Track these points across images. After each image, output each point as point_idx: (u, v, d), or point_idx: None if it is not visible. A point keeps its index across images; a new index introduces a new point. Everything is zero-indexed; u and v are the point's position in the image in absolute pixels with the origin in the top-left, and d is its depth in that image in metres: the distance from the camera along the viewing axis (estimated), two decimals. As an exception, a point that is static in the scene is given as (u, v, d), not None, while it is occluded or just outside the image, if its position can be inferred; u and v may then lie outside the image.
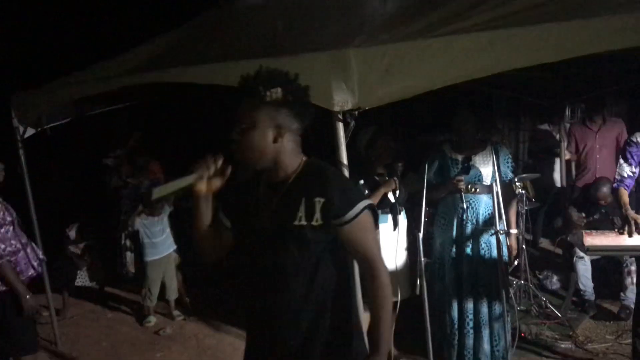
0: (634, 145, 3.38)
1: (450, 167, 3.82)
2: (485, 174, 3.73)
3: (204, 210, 1.90)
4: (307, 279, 1.82)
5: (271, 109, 1.76)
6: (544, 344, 4.22)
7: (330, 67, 2.49)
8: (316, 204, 1.77)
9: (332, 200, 1.76)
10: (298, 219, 1.78)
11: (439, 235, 3.97)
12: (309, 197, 1.79)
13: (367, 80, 2.48)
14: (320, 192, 1.78)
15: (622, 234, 3.09)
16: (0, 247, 3.03)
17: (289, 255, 1.81)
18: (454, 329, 3.85)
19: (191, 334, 4.83)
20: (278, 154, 1.81)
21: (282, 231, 1.81)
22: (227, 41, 3.31)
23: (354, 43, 2.51)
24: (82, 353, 4.51)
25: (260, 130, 1.77)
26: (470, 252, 3.75)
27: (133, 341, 4.76)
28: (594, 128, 5.36)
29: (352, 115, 2.55)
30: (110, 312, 5.43)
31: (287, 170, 1.84)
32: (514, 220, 3.87)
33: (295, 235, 1.79)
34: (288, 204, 1.81)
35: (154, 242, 4.99)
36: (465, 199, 3.71)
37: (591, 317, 4.71)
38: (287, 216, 1.80)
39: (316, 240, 1.80)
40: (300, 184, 1.83)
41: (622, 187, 3.39)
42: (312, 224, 1.77)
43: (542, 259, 5.83)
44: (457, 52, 2.30)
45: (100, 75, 3.58)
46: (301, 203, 1.79)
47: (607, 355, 4.03)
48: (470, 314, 3.77)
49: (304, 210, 1.78)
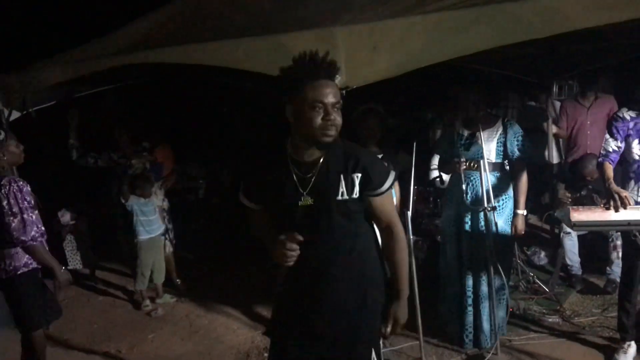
0: (620, 120, 3.40)
1: (456, 142, 3.84)
2: (489, 150, 3.73)
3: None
4: (350, 243, 2.10)
5: (339, 93, 2.02)
6: (532, 319, 4.29)
7: (317, 46, 2.46)
8: (355, 179, 2.02)
9: (369, 175, 2.03)
10: (340, 194, 2.02)
11: (444, 211, 4.06)
12: (347, 173, 2.02)
13: (354, 59, 2.47)
14: (356, 168, 2.03)
15: (609, 209, 3.12)
16: (34, 229, 3.13)
17: (336, 227, 2.05)
18: (454, 304, 3.91)
19: (183, 315, 4.86)
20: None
21: (327, 206, 2.03)
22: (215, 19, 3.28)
23: (341, 21, 2.49)
24: (74, 335, 4.52)
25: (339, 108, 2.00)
26: (469, 228, 3.79)
27: (125, 323, 4.78)
28: (585, 104, 5.37)
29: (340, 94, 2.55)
30: (102, 295, 5.44)
31: (317, 152, 2.05)
32: (522, 200, 3.79)
33: (340, 209, 2.03)
34: (327, 181, 2.03)
35: (149, 220, 4.98)
36: (466, 175, 3.73)
37: (578, 292, 4.79)
38: (330, 192, 2.02)
39: (356, 211, 2.09)
40: (332, 162, 2.04)
41: (607, 161, 3.41)
42: (353, 197, 2.04)
43: (530, 235, 5.89)
44: (444, 29, 2.29)
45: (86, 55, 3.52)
46: (340, 179, 2.02)
47: (593, 328, 4.10)
48: (469, 290, 3.82)
49: (344, 185, 2.02)
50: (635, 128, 3.36)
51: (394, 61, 2.45)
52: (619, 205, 3.08)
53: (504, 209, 3.78)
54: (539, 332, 4.06)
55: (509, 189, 3.82)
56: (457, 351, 3.86)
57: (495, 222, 3.69)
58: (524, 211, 3.82)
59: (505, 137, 3.73)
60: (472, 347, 3.86)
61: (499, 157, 3.75)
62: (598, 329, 4.08)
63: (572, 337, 3.97)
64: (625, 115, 3.39)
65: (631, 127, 3.36)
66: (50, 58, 3.67)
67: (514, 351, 3.76)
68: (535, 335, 4.02)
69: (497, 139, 3.73)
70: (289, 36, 2.55)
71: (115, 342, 4.37)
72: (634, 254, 3.39)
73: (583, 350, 3.77)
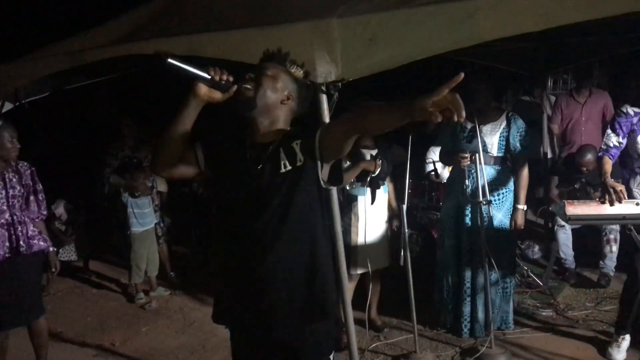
0: (624, 116, 3.40)
1: (458, 134, 3.84)
2: (491, 143, 3.73)
3: (191, 112, 1.92)
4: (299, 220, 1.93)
5: (290, 79, 1.98)
6: (526, 313, 4.30)
7: (313, 38, 2.45)
8: (295, 147, 1.93)
9: (305, 132, 1.95)
10: (283, 167, 1.93)
11: (444, 203, 4.10)
12: (285, 145, 1.94)
13: (350, 51, 2.44)
14: (296, 137, 1.95)
15: (604, 203, 3.12)
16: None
17: (280, 203, 1.92)
18: (450, 295, 3.94)
19: (177, 308, 4.85)
20: (277, 114, 1.97)
21: (272, 183, 1.93)
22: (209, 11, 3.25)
23: (337, 12, 2.46)
24: (67, 328, 4.50)
25: (277, 84, 1.94)
26: (469, 221, 3.80)
27: (119, 316, 4.76)
28: (580, 100, 5.36)
29: (335, 87, 2.53)
30: (95, 288, 5.42)
31: (274, 134, 1.97)
32: (522, 195, 3.80)
33: (284, 181, 1.92)
34: (272, 159, 1.95)
35: (143, 213, 4.96)
36: (467, 169, 3.74)
37: (572, 285, 4.81)
38: (274, 168, 1.93)
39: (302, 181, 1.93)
40: (281, 143, 1.96)
41: (607, 156, 3.43)
42: (297, 165, 1.92)
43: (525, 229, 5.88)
44: (441, 22, 2.27)
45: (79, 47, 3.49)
46: (280, 152, 1.94)
47: (587, 322, 4.12)
48: (467, 281, 3.85)
49: (285, 157, 1.93)
50: (639, 123, 3.36)
51: (390, 54, 2.42)
52: (614, 199, 3.09)
53: (504, 202, 3.80)
54: (533, 326, 4.08)
55: (510, 182, 3.83)
56: (451, 344, 3.87)
57: (491, 215, 3.70)
58: (524, 206, 3.84)
59: (509, 131, 3.74)
60: (468, 336, 3.88)
61: (501, 150, 3.75)
62: (591, 322, 4.10)
63: (566, 330, 3.99)
64: (629, 111, 3.40)
65: (635, 122, 3.37)
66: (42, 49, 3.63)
67: (507, 344, 3.77)
68: (529, 329, 4.03)
69: (500, 133, 3.74)
70: (283, 28, 2.52)
71: (109, 335, 4.36)
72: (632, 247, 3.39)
73: (576, 344, 3.78)
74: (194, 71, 1.83)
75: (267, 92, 1.92)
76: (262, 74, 1.93)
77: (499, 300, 3.86)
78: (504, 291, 3.90)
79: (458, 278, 3.89)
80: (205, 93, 1.88)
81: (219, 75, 1.86)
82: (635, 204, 3.05)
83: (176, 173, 2.06)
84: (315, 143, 1.91)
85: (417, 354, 3.66)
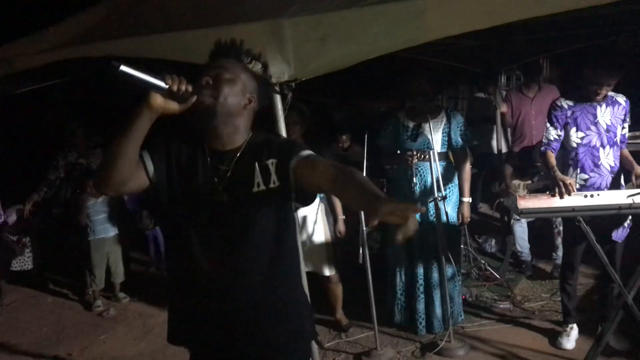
0: (559, 109, 3.50)
1: (401, 134, 3.87)
2: (435, 140, 3.78)
3: (143, 125, 1.69)
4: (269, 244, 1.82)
5: (249, 77, 1.81)
6: (484, 306, 4.38)
7: (265, 38, 2.44)
8: (270, 167, 1.78)
9: (284, 154, 1.78)
10: (256, 185, 1.78)
11: None
12: (261, 161, 1.79)
13: (302, 51, 2.45)
14: (271, 154, 1.80)
15: (554, 196, 3.20)
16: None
17: (250, 223, 1.79)
18: (404, 293, 3.97)
19: (136, 315, 4.77)
20: (240, 120, 1.81)
21: (241, 199, 1.79)
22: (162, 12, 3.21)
23: (289, 12, 2.47)
24: (22, 339, 4.38)
25: (238, 88, 1.77)
26: (419, 218, 3.83)
27: (76, 325, 4.66)
28: (530, 95, 5.50)
29: (289, 87, 2.53)
30: (51, 297, 5.28)
31: (238, 141, 1.83)
32: (466, 188, 3.89)
33: (256, 202, 1.79)
34: (242, 174, 1.79)
35: (96, 220, 4.86)
36: (414, 166, 3.77)
37: (528, 277, 4.92)
38: (244, 185, 1.79)
39: (276, 203, 1.81)
40: (249, 152, 1.81)
41: (549, 150, 3.52)
42: (271, 186, 1.78)
43: (482, 223, 6.02)
44: (390, 21, 2.29)
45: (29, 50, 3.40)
46: (255, 169, 1.78)
47: (542, 312, 4.22)
48: (420, 278, 3.88)
49: (260, 175, 1.78)
50: (573, 116, 3.47)
51: (342, 53, 2.44)
52: (564, 192, 3.17)
53: (451, 197, 3.88)
54: (491, 319, 4.16)
55: (455, 177, 3.91)
56: (411, 340, 3.91)
57: (446, 211, 3.76)
58: (469, 198, 3.94)
59: (450, 127, 3.82)
60: (425, 333, 3.93)
61: (444, 146, 3.83)
62: (547, 313, 4.20)
63: (523, 322, 4.08)
64: (563, 104, 3.49)
65: (569, 115, 3.47)
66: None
67: (466, 338, 3.83)
68: (487, 321, 4.11)
69: (442, 129, 3.81)
70: (235, 28, 2.50)
71: (66, 346, 4.26)
72: (575, 238, 3.50)
73: (532, 335, 3.88)
74: (150, 80, 1.62)
75: (228, 98, 1.73)
76: (221, 78, 1.74)
77: (454, 294, 3.93)
78: (456, 284, 3.98)
79: (410, 276, 3.93)
80: (161, 104, 1.66)
81: (178, 85, 1.64)
82: (584, 196, 3.14)
83: (125, 190, 1.83)
84: (289, 171, 1.75)
85: (378, 351, 3.69)
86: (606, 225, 3.40)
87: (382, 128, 4.00)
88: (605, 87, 3.35)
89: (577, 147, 3.49)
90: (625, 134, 3.56)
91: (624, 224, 3.46)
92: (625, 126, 3.52)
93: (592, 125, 3.44)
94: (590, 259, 3.93)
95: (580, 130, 3.46)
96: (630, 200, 3.04)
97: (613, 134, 3.45)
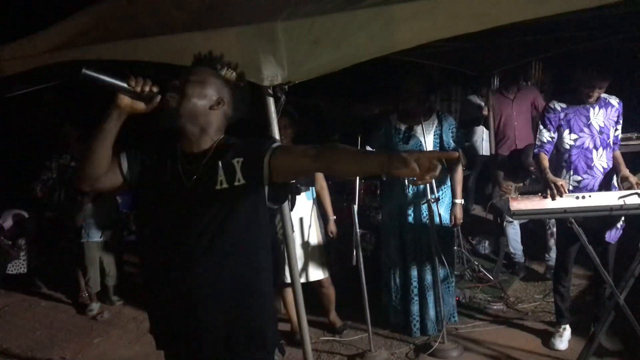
0: (552, 112, 3.52)
1: (393, 136, 3.88)
2: (427, 143, 3.79)
3: (113, 124, 1.80)
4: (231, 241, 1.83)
5: (220, 82, 1.87)
6: (477, 307, 4.40)
7: (257, 41, 2.45)
8: (235, 165, 1.82)
9: (250, 151, 1.83)
10: (219, 183, 1.82)
11: (385, 204, 4.11)
12: (225, 160, 1.83)
13: (295, 54, 2.45)
14: (237, 154, 1.84)
15: (546, 197, 3.22)
16: None
17: (212, 221, 1.81)
18: (398, 295, 3.97)
19: (130, 317, 4.75)
20: (207, 122, 1.86)
21: (205, 198, 1.83)
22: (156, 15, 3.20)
23: (281, 15, 2.47)
24: (15, 343, 4.36)
25: (204, 90, 1.83)
26: (412, 220, 3.85)
27: (69, 328, 4.64)
28: (510, 96, 5.56)
29: (282, 90, 2.53)
30: (44, 300, 5.26)
31: (207, 143, 1.88)
32: (459, 189, 3.90)
33: (218, 199, 1.82)
34: (207, 172, 1.84)
35: (91, 222, 4.85)
36: None
37: (521, 279, 4.94)
38: (208, 183, 1.83)
39: (240, 202, 1.83)
40: (215, 153, 1.87)
41: (542, 152, 3.54)
42: (235, 184, 1.82)
43: (475, 225, 6.03)
44: (383, 23, 2.30)
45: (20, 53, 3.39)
46: (219, 167, 1.83)
47: (535, 313, 4.24)
48: (414, 280, 3.89)
49: (223, 173, 1.82)
50: (566, 118, 3.49)
51: (335, 55, 2.44)
52: (556, 194, 3.19)
53: (444, 198, 3.90)
54: (484, 320, 4.18)
55: (447, 179, 3.92)
56: (405, 341, 3.92)
57: (439, 212, 3.77)
58: (461, 200, 3.95)
59: (441, 129, 3.83)
60: (419, 334, 3.93)
61: (436, 149, 3.84)
62: (540, 314, 4.22)
63: (516, 323, 4.10)
64: (556, 107, 3.51)
65: (562, 117, 3.49)
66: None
67: (460, 339, 3.84)
68: (480, 322, 4.13)
69: (433, 132, 3.83)
70: (228, 31, 2.51)
71: (59, 349, 4.24)
72: (568, 240, 3.52)
73: (525, 336, 3.89)
74: (112, 81, 1.72)
75: (192, 99, 1.80)
76: (186, 80, 1.82)
77: (447, 295, 3.95)
78: (449, 285, 3.99)
79: (405, 278, 3.93)
80: (127, 104, 1.77)
81: (141, 86, 1.74)
82: (576, 198, 3.15)
83: (100, 186, 1.91)
84: (264, 165, 1.78)
85: (372, 353, 3.70)
86: (599, 226, 3.43)
87: (373, 130, 4.00)
88: (597, 90, 3.37)
89: (570, 149, 3.51)
90: (618, 136, 3.58)
91: (617, 225, 3.48)
92: (618, 128, 3.55)
93: (585, 127, 3.46)
94: (582, 260, 3.96)
95: (573, 132, 3.48)
96: (622, 201, 3.06)
97: (606, 136, 3.47)
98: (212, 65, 1.89)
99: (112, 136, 1.82)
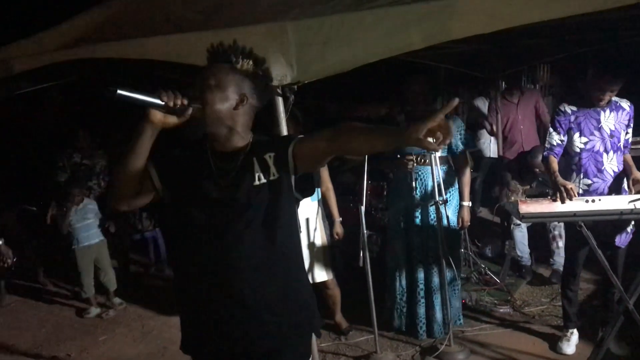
0: (562, 115, 3.49)
1: None
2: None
3: (147, 140, 1.79)
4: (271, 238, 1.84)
5: (239, 77, 1.83)
6: (484, 310, 4.37)
7: (267, 40, 2.44)
8: (268, 160, 1.85)
9: (280, 149, 1.85)
10: (257, 179, 1.84)
11: (391, 205, 4.08)
12: (259, 157, 1.85)
13: (305, 54, 2.44)
14: (269, 149, 1.86)
15: (555, 201, 3.19)
16: None
17: (256, 216, 1.82)
18: (404, 297, 3.95)
19: (135, 316, 4.76)
20: (234, 122, 1.85)
21: (244, 195, 1.83)
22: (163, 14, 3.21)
23: (291, 15, 2.46)
24: (21, 340, 4.38)
25: (225, 93, 1.81)
26: (419, 222, 3.83)
27: (75, 326, 4.66)
28: (513, 100, 5.54)
29: (291, 90, 2.53)
30: (50, 298, 5.28)
31: (238, 142, 1.87)
32: (466, 192, 3.88)
33: (258, 195, 1.83)
34: (244, 170, 1.85)
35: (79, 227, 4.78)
36: (414, 170, 3.77)
37: (528, 282, 4.91)
38: (246, 180, 1.83)
39: (278, 195, 1.85)
40: (251, 151, 1.87)
41: (552, 155, 3.51)
42: (271, 179, 1.84)
43: (482, 228, 6.00)
44: (392, 25, 2.28)
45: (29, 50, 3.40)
46: (254, 164, 1.84)
47: (542, 317, 4.21)
48: (421, 283, 3.87)
49: (260, 169, 1.84)
50: (576, 121, 3.46)
51: (344, 56, 2.43)
52: (565, 197, 3.17)
53: (452, 201, 3.88)
54: (491, 323, 4.15)
55: (455, 181, 3.90)
56: (411, 344, 3.90)
57: (447, 215, 3.75)
58: (469, 202, 3.93)
59: None
60: (425, 337, 3.91)
61: (444, 151, 3.83)
62: (547, 317, 4.19)
63: (523, 326, 4.07)
64: (566, 110, 3.48)
65: (572, 120, 3.46)
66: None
67: (466, 342, 3.82)
68: (487, 325, 4.10)
69: None
70: (238, 31, 2.50)
71: (65, 346, 4.25)
72: (577, 244, 3.49)
73: (532, 340, 3.86)
74: (146, 99, 1.71)
75: (216, 106, 1.79)
76: (205, 86, 1.79)
77: (454, 298, 3.93)
78: (455, 288, 3.97)
79: (411, 280, 3.91)
80: (160, 119, 1.76)
81: (173, 100, 1.72)
82: (585, 201, 3.13)
83: (137, 204, 1.92)
84: (289, 157, 1.83)
85: (378, 354, 3.69)
86: (609, 230, 3.40)
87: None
88: (608, 93, 3.34)
89: (580, 152, 3.48)
90: (629, 139, 3.55)
91: (627, 229, 3.45)
92: (629, 131, 3.51)
93: (595, 130, 3.43)
94: (590, 264, 3.93)
95: (583, 135, 3.45)
96: (632, 205, 3.03)
97: (617, 139, 3.44)
98: (227, 59, 1.84)
99: (147, 152, 1.80)
